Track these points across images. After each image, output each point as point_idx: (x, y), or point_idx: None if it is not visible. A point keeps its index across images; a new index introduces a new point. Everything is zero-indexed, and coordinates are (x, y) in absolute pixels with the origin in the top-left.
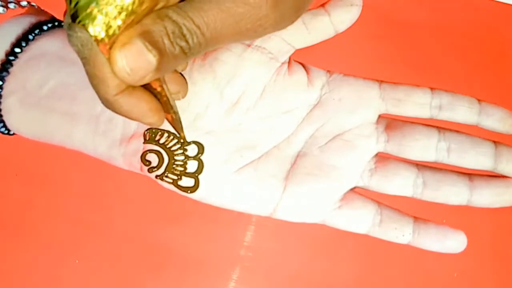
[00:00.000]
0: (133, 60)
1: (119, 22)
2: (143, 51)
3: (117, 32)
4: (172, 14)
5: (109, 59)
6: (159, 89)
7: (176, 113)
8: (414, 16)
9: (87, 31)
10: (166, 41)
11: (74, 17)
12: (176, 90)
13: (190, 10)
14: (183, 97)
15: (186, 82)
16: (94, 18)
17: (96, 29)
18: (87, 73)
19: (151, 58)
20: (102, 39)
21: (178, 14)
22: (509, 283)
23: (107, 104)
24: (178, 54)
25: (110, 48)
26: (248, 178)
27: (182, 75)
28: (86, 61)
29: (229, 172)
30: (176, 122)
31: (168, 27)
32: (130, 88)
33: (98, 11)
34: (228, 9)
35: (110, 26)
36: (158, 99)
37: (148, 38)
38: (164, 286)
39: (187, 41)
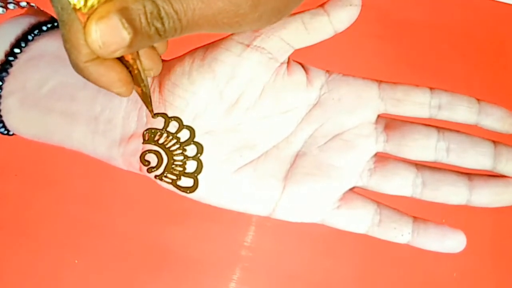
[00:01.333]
0: (107, 35)
1: None
2: (118, 27)
3: (95, 4)
4: None
5: (84, 28)
6: (131, 61)
7: (146, 86)
8: (414, 16)
9: None
10: (143, 20)
11: None
12: (149, 67)
13: None
14: (155, 75)
15: (161, 61)
16: None
17: None
18: (62, 36)
19: (125, 35)
20: (80, 9)
21: None
22: (509, 283)
23: (77, 69)
24: (153, 35)
25: (88, 18)
26: (247, 178)
27: (160, 56)
28: (63, 24)
29: (229, 172)
30: (145, 96)
31: (147, 7)
32: (101, 57)
33: None
34: (209, 1)
35: None
36: (130, 71)
37: (126, 15)
38: (164, 286)
39: (163, 24)
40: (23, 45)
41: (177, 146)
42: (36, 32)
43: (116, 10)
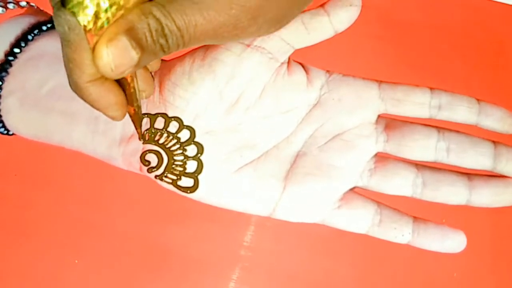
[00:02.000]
0: (118, 57)
1: (109, 14)
2: (128, 48)
3: (105, 25)
4: (156, 12)
5: (93, 49)
6: (129, 79)
7: (139, 107)
8: (413, 16)
9: (77, 19)
10: (149, 38)
11: (64, 0)
12: (142, 88)
13: (173, 11)
14: (146, 97)
15: (153, 83)
16: (85, 8)
17: (86, 19)
18: (66, 55)
19: (134, 55)
20: (90, 30)
21: (162, 13)
22: (508, 283)
23: (76, 89)
24: (158, 51)
25: (98, 40)
26: (247, 178)
27: (152, 76)
28: (68, 44)
29: (229, 172)
30: (137, 117)
31: (152, 25)
32: (103, 78)
33: (90, 1)
34: (210, 17)
35: (100, 18)
36: (124, 91)
37: (133, 35)
38: (164, 286)
39: (167, 41)
40: (23, 45)
41: (178, 146)
42: (36, 32)
43: (124, 31)
